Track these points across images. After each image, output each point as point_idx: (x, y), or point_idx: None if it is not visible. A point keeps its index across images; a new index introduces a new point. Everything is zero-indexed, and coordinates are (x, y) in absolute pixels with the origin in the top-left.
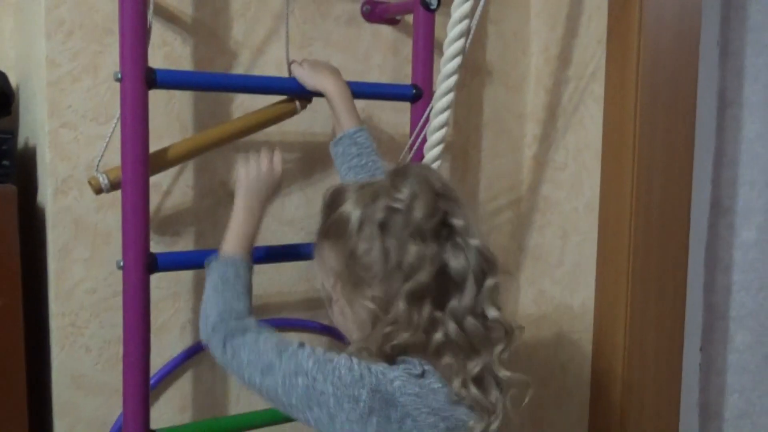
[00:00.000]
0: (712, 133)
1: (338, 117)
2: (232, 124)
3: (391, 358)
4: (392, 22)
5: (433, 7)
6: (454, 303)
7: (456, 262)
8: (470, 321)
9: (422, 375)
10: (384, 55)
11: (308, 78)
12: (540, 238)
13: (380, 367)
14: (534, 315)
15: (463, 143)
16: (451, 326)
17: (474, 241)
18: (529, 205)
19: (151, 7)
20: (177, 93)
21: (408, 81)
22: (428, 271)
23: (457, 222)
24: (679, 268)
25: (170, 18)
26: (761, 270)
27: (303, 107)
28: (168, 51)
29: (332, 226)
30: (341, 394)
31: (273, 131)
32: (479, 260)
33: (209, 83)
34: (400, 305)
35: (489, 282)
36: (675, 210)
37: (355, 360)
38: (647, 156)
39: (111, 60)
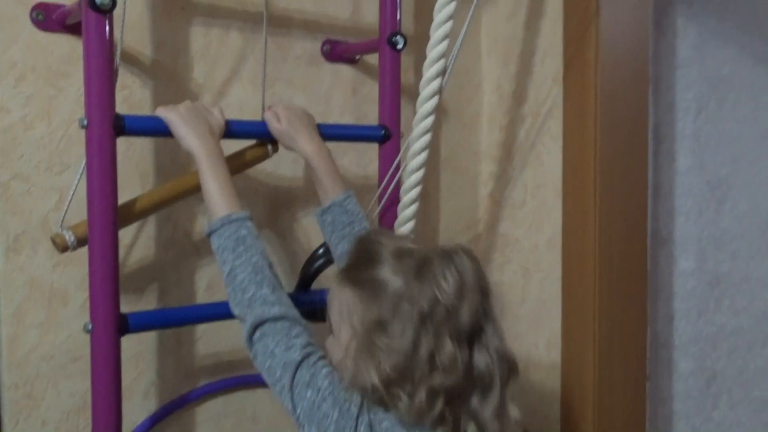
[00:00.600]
0: (649, 166)
1: (322, 181)
2: None
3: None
4: (351, 61)
5: (399, 47)
6: (474, 404)
7: (483, 365)
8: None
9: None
10: (345, 95)
11: (286, 138)
12: (500, 275)
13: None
14: None
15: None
16: (471, 427)
17: (500, 345)
18: (487, 244)
19: (119, 49)
20: (137, 139)
21: (368, 121)
22: (458, 375)
23: (490, 326)
24: (639, 300)
25: (129, 60)
26: (700, 297)
27: (275, 151)
28: (127, 95)
29: (366, 282)
30: (344, 425)
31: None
32: (503, 364)
33: None
34: (422, 395)
35: (511, 385)
36: (634, 243)
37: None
38: (608, 191)
39: (67, 105)
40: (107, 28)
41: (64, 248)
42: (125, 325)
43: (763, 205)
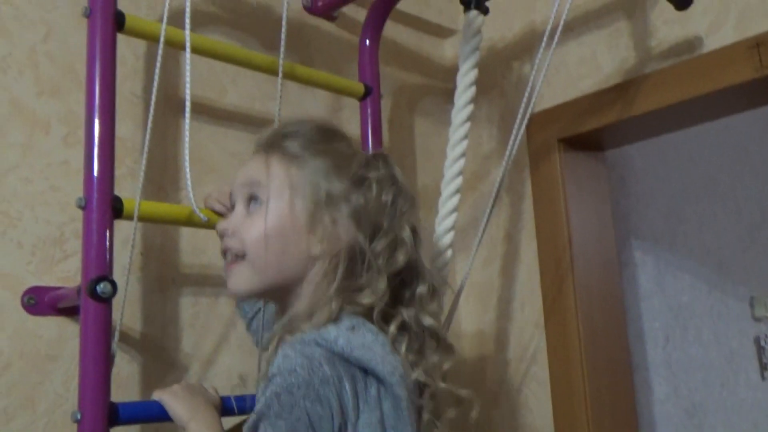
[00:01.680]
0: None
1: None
2: None
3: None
4: None
5: None
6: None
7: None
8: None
9: (353, 329)
10: None
11: None
12: None
13: (311, 335)
14: None
15: None
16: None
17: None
18: None
19: (116, 336)
20: None
21: None
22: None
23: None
24: None
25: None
26: None
27: None
28: (115, 373)
29: (330, 154)
30: (316, 398)
31: None
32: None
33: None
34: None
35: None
36: None
37: (289, 359)
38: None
39: (52, 391)
40: (107, 316)
41: None
42: None
43: (738, 428)
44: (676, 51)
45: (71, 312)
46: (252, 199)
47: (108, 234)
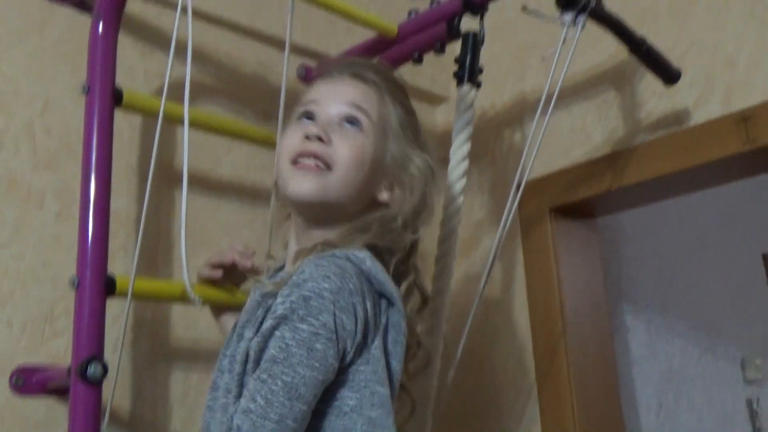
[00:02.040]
0: None
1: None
2: None
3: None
4: None
5: None
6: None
7: None
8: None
9: (373, 259)
10: None
11: None
12: None
13: (342, 253)
14: None
15: None
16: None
17: None
18: None
19: (106, 418)
20: None
21: None
22: None
23: None
24: None
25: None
26: None
27: None
28: None
29: (411, 113)
30: (346, 306)
31: None
32: None
33: None
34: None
35: None
36: None
37: (322, 267)
38: None
39: None
40: (97, 398)
41: None
42: None
43: None
44: (664, 123)
45: (61, 392)
46: (351, 120)
47: (100, 314)
